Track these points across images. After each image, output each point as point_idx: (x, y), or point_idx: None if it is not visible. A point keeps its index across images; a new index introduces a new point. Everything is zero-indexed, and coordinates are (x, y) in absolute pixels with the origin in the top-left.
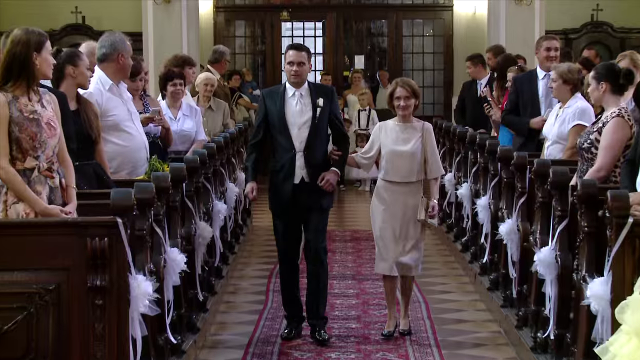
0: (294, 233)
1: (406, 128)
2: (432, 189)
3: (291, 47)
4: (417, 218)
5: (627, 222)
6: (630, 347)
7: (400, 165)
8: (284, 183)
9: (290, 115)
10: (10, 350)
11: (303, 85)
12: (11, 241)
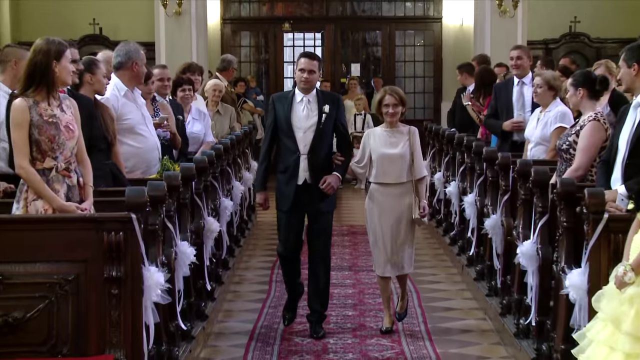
0: (295, 229)
1: (394, 133)
2: (420, 190)
3: (304, 55)
4: (413, 217)
5: (603, 217)
6: (606, 333)
7: (390, 167)
8: (288, 183)
9: (297, 119)
10: (33, 336)
11: (312, 91)
12: (33, 235)
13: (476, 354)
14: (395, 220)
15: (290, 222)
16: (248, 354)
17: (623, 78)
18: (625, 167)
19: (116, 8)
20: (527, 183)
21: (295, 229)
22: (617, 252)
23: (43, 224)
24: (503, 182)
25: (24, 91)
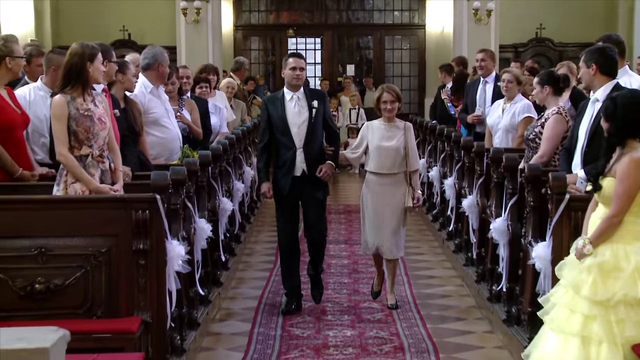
0: (292, 217)
1: (390, 127)
2: (415, 181)
3: (293, 55)
4: (405, 205)
5: (565, 198)
6: (567, 298)
7: (386, 159)
8: (286, 176)
9: (290, 117)
10: (71, 301)
11: (300, 89)
12: (71, 213)
13: (455, 316)
14: (387, 207)
15: (288, 211)
16: (257, 316)
17: (583, 77)
18: (584, 154)
19: (143, 16)
20: (499, 168)
21: (291, 218)
22: (577, 227)
23: (80, 203)
24: (478, 167)
25: (62, 89)
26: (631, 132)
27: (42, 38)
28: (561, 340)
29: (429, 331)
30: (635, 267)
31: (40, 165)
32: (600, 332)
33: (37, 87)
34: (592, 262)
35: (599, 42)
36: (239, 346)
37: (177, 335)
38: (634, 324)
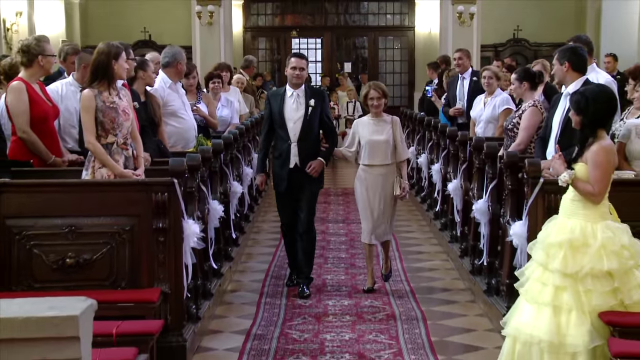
0: (291, 207)
1: (379, 122)
2: (403, 171)
3: (295, 55)
4: (394, 193)
5: (539, 181)
6: (538, 273)
7: (376, 151)
8: (282, 167)
9: (288, 112)
10: (98, 273)
11: (301, 87)
12: (98, 195)
13: (441, 287)
14: (379, 195)
15: (287, 199)
16: (264, 287)
17: (556, 73)
18: (558, 143)
19: (162, 19)
20: (481, 155)
21: (291, 205)
22: (550, 208)
23: (106, 186)
24: (462, 154)
25: (90, 84)
26: (600, 123)
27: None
28: (535, 309)
29: (418, 301)
30: (602, 243)
31: (70, 152)
32: (570, 302)
33: (68, 83)
34: (563, 239)
35: (570, 42)
36: (248, 314)
37: (193, 305)
38: (600, 294)
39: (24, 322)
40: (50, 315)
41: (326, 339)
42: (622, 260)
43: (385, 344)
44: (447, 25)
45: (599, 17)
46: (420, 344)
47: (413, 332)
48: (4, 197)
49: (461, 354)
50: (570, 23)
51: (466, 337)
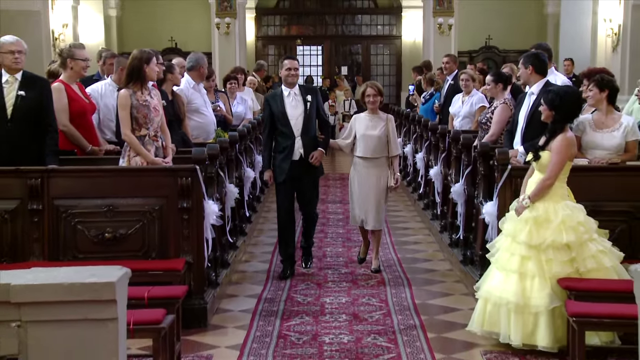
0: (290, 196)
1: (374, 118)
2: (395, 165)
3: (287, 58)
4: (389, 184)
5: (508, 168)
6: (507, 243)
7: (370, 145)
8: (285, 160)
9: (289, 110)
10: (132, 246)
11: (295, 86)
12: (133, 179)
13: (423, 258)
14: (371, 186)
15: (286, 190)
16: (273, 258)
17: (522, 76)
18: (523, 135)
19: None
20: (458, 145)
21: (289, 196)
22: (517, 191)
23: (139, 172)
24: (442, 145)
25: (126, 84)
26: (569, 118)
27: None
28: (504, 276)
29: (404, 269)
30: (561, 220)
31: (109, 142)
32: (534, 269)
33: (107, 83)
34: (528, 216)
35: (533, 49)
36: (259, 281)
37: (213, 272)
38: (560, 263)
39: (70, 287)
40: (91, 281)
41: (326, 302)
42: (579, 234)
43: (376, 306)
44: (429, 34)
45: (558, 27)
46: (406, 306)
47: (400, 296)
48: (52, 181)
49: (440, 315)
50: (533, 32)
51: (445, 300)
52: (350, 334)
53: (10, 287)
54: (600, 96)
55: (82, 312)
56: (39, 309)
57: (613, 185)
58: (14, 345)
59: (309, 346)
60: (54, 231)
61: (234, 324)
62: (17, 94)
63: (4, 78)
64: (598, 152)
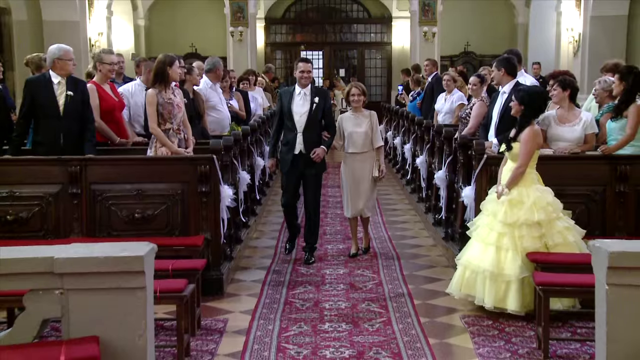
0: (293, 188)
1: (359, 116)
2: (380, 157)
3: (302, 60)
4: (372, 175)
5: (484, 157)
6: (488, 220)
7: (358, 141)
8: (288, 153)
9: (295, 107)
10: (158, 224)
11: (308, 86)
12: (159, 167)
13: (410, 235)
14: (361, 177)
15: (290, 179)
16: (280, 235)
17: (495, 77)
18: (497, 128)
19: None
20: (441, 137)
21: (293, 185)
22: (492, 177)
23: (164, 160)
24: (427, 137)
25: (153, 85)
26: (536, 114)
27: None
28: (482, 247)
29: (394, 244)
30: (533, 201)
31: (138, 135)
32: (508, 244)
33: (137, 84)
34: (504, 198)
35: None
36: (268, 255)
37: (228, 248)
38: (531, 239)
39: (105, 260)
40: (123, 255)
41: (326, 274)
42: (548, 213)
43: (369, 277)
44: (415, 41)
45: (527, 35)
46: (395, 277)
47: (390, 268)
48: (89, 168)
49: (425, 284)
50: (505, 40)
51: (429, 272)
52: (347, 300)
53: (54, 260)
54: (563, 95)
55: (115, 282)
56: (79, 279)
57: (574, 172)
58: (58, 310)
59: (311, 311)
60: (91, 212)
61: (247, 292)
62: (67, 94)
63: (55, 80)
64: (561, 143)
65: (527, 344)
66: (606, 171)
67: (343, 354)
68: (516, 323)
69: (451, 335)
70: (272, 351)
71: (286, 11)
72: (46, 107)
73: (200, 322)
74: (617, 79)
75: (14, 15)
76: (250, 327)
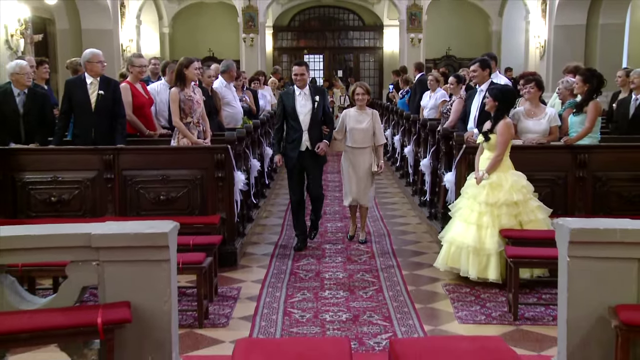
0: (299, 181)
1: (361, 113)
2: (379, 153)
3: (296, 64)
4: (372, 170)
5: (463, 147)
6: (469, 202)
7: (358, 137)
8: (294, 150)
9: (299, 107)
10: (180, 206)
11: (305, 86)
12: (181, 155)
13: (399, 214)
14: (359, 170)
15: (295, 177)
16: (286, 214)
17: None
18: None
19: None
20: (426, 129)
21: (299, 181)
22: (470, 164)
23: (186, 150)
24: (413, 129)
25: (175, 84)
26: (508, 109)
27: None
28: (465, 226)
29: (385, 223)
30: (511, 184)
31: (163, 128)
32: (488, 222)
33: (162, 83)
34: (485, 182)
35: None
36: (275, 232)
37: (241, 225)
38: (508, 217)
39: (134, 236)
40: (150, 232)
41: (326, 248)
42: (524, 194)
43: (364, 250)
44: (404, 46)
45: (500, 41)
46: (386, 250)
47: (382, 243)
48: (121, 157)
49: (412, 257)
50: (481, 45)
51: (415, 246)
52: (345, 271)
53: (91, 236)
54: (538, 93)
55: (144, 255)
56: (112, 252)
57: (540, 159)
58: (95, 278)
59: (313, 280)
60: (122, 194)
61: (257, 264)
62: (98, 93)
63: (88, 81)
64: (529, 135)
65: (500, 308)
66: (568, 159)
67: (341, 317)
68: (490, 290)
69: (434, 301)
70: (280, 315)
71: (291, 20)
72: (80, 105)
73: (217, 290)
74: (580, 81)
75: (58, 25)
76: (261, 294)
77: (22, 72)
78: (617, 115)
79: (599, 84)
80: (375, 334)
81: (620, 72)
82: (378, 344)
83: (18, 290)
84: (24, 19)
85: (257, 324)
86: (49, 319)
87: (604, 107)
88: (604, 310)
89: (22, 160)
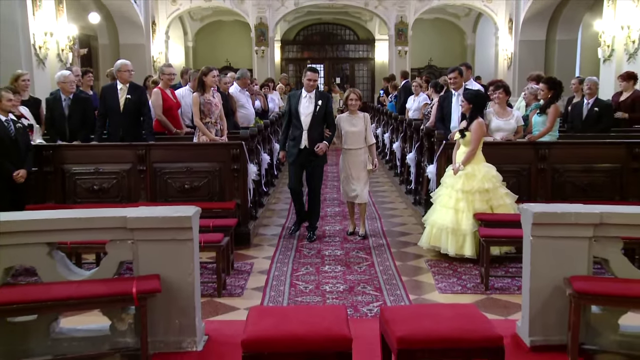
0: (298, 176)
1: (354, 118)
2: (372, 152)
3: (310, 70)
4: (367, 168)
5: (443, 143)
6: (447, 191)
7: (353, 139)
8: (294, 147)
9: (301, 108)
10: (201, 194)
11: (313, 91)
12: (202, 150)
13: (388, 200)
14: (355, 169)
15: (295, 170)
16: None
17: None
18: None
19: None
20: (411, 128)
21: (297, 175)
22: (448, 158)
23: (206, 146)
24: (401, 128)
25: (196, 90)
26: (480, 110)
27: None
28: (444, 211)
29: (376, 208)
30: (483, 174)
31: (187, 127)
32: (464, 207)
33: (186, 89)
34: (461, 173)
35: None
36: (283, 216)
37: (253, 210)
38: (480, 202)
39: (163, 219)
40: (176, 215)
41: (326, 229)
42: (494, 183)
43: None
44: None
45: (474, 53)
46: (377, 231)
47: (374, 225)
48: (152, 151)
49: (399, 237)
50: (458, 56)
51: (402, 228)
52: (342, 249)
53: (127, 218)
54: (506, 97)
55: (171, 235)
56: (144, 232)
57: (508, 154)
58: (130, 255)
59: (315, 257)
60: (153, 183)
61: (267, 243)
62: (126, 97)
63: (119, 87)
64: (499, 133)
65: (473, 280)
66: (531, 154)
67: (338, 288)
68: (466, 265)
69: (418, 274)
70: (286, 286)
71: (296, 35)
72: (112, 107)
73: (233, 265)
74: (546, 88)
75: (100, 40)
76: (270, 269)
77: (66, 80)
78: (572, 117)
79: (560, 90)
80: (368, 302)
81: (574, 80)
82: (370, 311)
83: (67, 264)
84: (72, 36)
85: (267, 293)
86: (92, 288)
87: (561, 110)
88: (560, 281)
89: (70, 155)
